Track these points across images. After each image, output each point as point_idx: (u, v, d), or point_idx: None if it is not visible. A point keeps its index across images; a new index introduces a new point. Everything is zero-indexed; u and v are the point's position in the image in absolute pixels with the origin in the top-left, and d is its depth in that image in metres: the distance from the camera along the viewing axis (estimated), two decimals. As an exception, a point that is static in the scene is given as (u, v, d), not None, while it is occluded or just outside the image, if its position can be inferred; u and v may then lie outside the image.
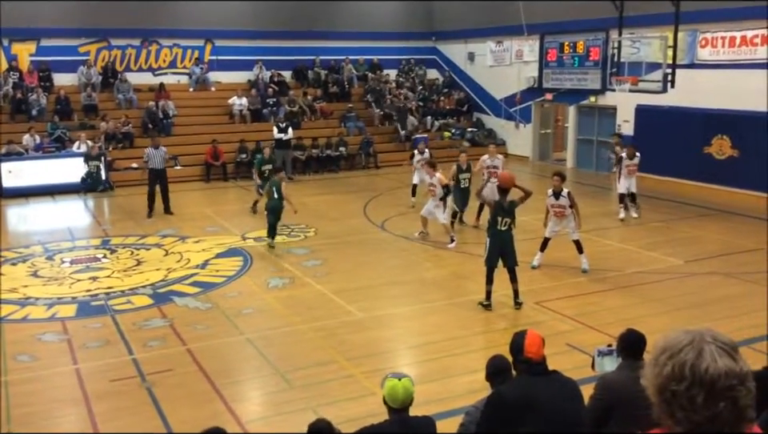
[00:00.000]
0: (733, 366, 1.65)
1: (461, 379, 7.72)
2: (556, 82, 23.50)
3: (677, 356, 1.69)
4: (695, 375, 1.65)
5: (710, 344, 1.69)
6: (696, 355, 1.67)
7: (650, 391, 1.75)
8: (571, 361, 7.25)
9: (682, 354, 1.69)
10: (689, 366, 1.66)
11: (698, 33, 18.38)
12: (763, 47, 17.06)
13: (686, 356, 1.68)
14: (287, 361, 8.39)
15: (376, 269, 12.50)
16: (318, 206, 17.50)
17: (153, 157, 16.57)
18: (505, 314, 9.86)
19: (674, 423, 1.69)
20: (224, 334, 9.31)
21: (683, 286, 11.28)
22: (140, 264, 12.56)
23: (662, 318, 9.51)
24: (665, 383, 1.69)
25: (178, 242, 14.12)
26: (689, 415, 1.66)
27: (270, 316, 10.04)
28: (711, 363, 1.65)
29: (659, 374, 1.71)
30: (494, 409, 4.03)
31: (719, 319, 9.39)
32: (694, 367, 1.65)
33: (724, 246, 13.32)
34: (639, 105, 19.75)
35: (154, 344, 8.92)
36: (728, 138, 18.08)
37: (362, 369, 8.12)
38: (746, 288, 10.85)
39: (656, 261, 12.40)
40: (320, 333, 9.27)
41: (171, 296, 10.80)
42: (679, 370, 1.67)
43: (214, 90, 25.03)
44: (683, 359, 1.68)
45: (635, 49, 16.46)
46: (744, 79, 17.40)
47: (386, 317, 10.17)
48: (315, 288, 11.15)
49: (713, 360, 1.65)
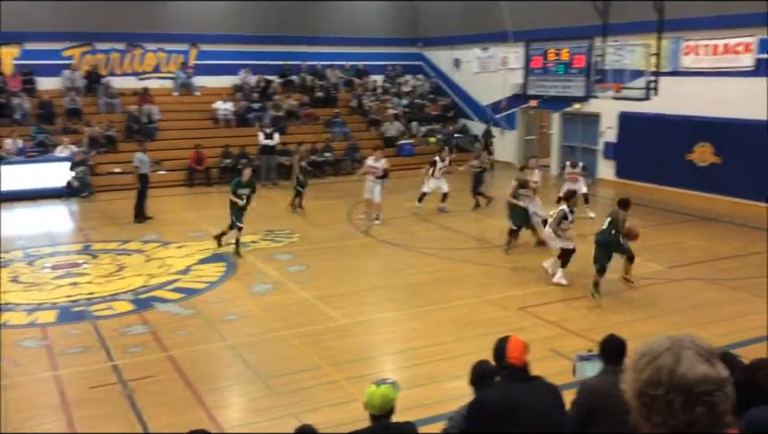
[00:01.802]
0: (710, 371, 1.65)
1: (445, 385, 7.70)
2: (541, 88, 23.63)
3: (655, 361, 1.69)
4: (673, 380, 1.65)
5: (688, 350, 1.68)
6: (674, 361, 1.66)
7: (628, 396, 1.75)
8: (554, 367, 7.25)
9: (661, 359, 1.68)
10: (667, 371, 1.66)
11: (682, 40, 18.55)
12: (746, 55, 17.24)
13: (665, 361, 1.67)
14: (270, 367, 8.33)
15: (360, 274, 12.48)
16: (303, 212, 17.46)
17: (145, 162, 16.53)
18: (489, 319, 9.86)
19: (651, 428, 1.69)
20: (206, 340, 9.24)
21: (665, 292, 11.34)
22: (121, 270, 12.46)
23: (645, 324, 9.56)
24: (643, 388, 1.69)
25: (160, 247, 14.02)
26: (666, 420, 1.66)
27: (252, 322, 9.97)
28: (689, 369, 1.64)
29: (638, 379, 1.71)
30: (475, 414, 4.01)
31: (701, 324, 9.45)
32: (672, 372, 1.65)
33: (705, 252, 13.42)
34: (623, 112, 19.90)
35: (135, 350, 8.84)
36: (710, 146, 18.23)
37: (346, 375, 8.09)
38: (727, 294, 10.93)
39: (638, 267, 12.43)
40: (303, 339, 9.22)
41: (153, 302, 10.71)
42: (657, 375, 1.67)
43: (199, 95, 24.91)
44: (661, 364, 1.67)
45: (619, 56, 16.58)
46: (726, 87, 17.57)
47: (369, 323, 10.15)
48: (299, 294, 11.10)
49: (690, 366, 1.65)
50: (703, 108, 18.01)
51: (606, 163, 21.24)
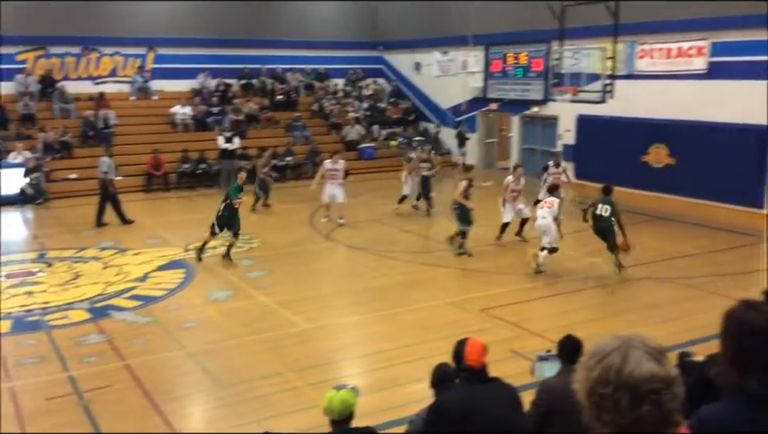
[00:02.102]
0: (658, 370, 1.67)
1: (407, 388, 7.69)
2: (500, 92, 23.86)
3: (604, 360, 1.71)
4: (620, 379, 1.67)
5: (637, 349, 1.70)
6: (622, 360, 1.69)
7: (579, 395, 1.77)
8: (515, 367, 7.29)
9: (609, 358, 1.70)
10: (615, 370, 1.68)
11: (636, 44, 18.90)
12: (699, 58, 17.63)
13: (613, 360, 1.69)
14: (230, 375, 8.23)
15: (322, 279, 12.42)
16: (264, 217, 17.34)
17: (112, 166, 16.50)
18: (450, 322, 9.89)
19: (601, 427, 1.71)
20: (164, 348, 9.09)
21: (622, 291, 11.53)
22: (77, 278, 12.20)
23: (602, 323, 9.69)
24: (593, 387, 1.71)
25: (117, 254, 13.77)
26: (615, 419, 1.68)
27: (212, 329, 9.85)
28: (636, 367, 1.66)
29: (587, 378, 1.73)
30: (435, 417, 4.02)
31: (657, 322, 9.62)
32: (620, 371, 1.67)
33: (661, 251, 13.67)
34: (580, 115, 20.19)
35: (92, 360, 8.65)
36: (665, 147, 18.60)
37: (308, 380, 8.03)
38: (681, 292, 11.15)
39: (596, 267, 12.64)
40: (264, 345, 9.14)
41: (109, 311, 10.50)
42: (606, 374, 1.69)
43: (157, 99, 24.58)
44: (610, 363, 1.69)
45: (576, 60, 16.81)
46: (680, 89, 17.96)
47: (331, 327, 10.10)
48: (259, 300, 11.00)
49: (637, 364, 1.67)
50: (658, 110, 18.38)
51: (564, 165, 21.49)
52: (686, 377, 1.73)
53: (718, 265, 12.62)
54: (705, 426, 2.21)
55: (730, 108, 16.72)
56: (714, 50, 17.33)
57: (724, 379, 2.30)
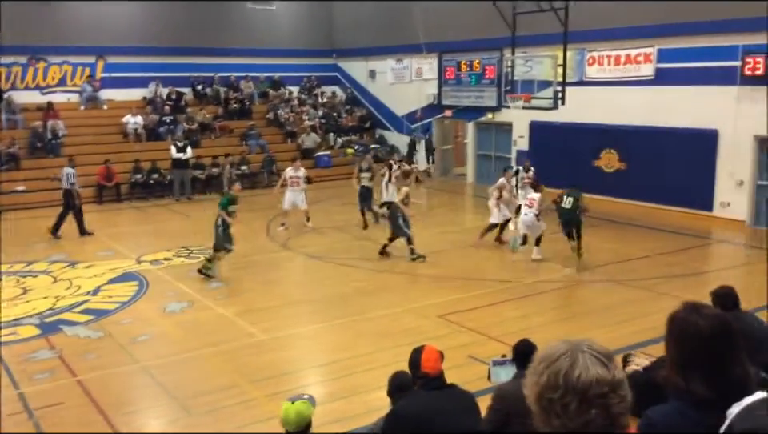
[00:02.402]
0: (605, 374, 1.69)
1: (366, 397, 7.66)
2: (455, 99, 24.06)
3: (552, 365, 1.73)
4: (568, 383, 1.68)
5: (584, 353, 1.73)
6: (570, 364, 1.70)
7: (529, 400, 1.78)
8: (473, 373, 7.34)
9: (558, 363, 1.72)
10: (563, 374, 1.70)
11: (586, 52, 19.28)
12: (646, 65, 18.07)
13: (561, 365, 1.71)
14: (186, 388, 8.09)
15: (279, 288, 12.32)
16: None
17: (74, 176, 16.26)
18: (409, 329, 9.90)
19: (551, 430, 1.72)
20: (117, 363, 8.89)
21: (577, 294, 11.71)
22: (26, 293, 11.87)
23: (558, 326, 9.82)
24: (542, 392, 1.73)
25: (67, 268, 13.44)
26: (564, 422, 1.69)
27: (167, 342, 9.67)
28: (583, 371, 1.68)
29: (537, 382, 1.74)
30: (392, 425, 4.01)
31: (611, 324, 9.79)
32: (567, 376, 1.69)
33: (614, 254, 13.93)
34: (533, 121, 20.48)
35: (42, 377, 8.42)
36: (615, 152, 19.00)
37: (265, 392, 7.94)
38: (634, 294, 11.37)
39: (552, 271, 12.82)
40: (221, 357, 9.02)
41: (60, 325, 10.24)
42: (554, 378, 1.71)
43: (107, 109, 24.12)
44: (558, 368, 1.71)
45: (528, 67, 17.06)
46: (629, 95, 18.38)
47: (289, 337, 10.02)
48: (216, 311, 10.86)
49: (585, 368, 1.69)
50: (608, 116, 18.77)
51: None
52: (632, 381, 1.76)
53: (669, 267, 12.91)
54: (653, 427, 2.26)
55: (678, 113, 17.18)
56: (661, 57, 17.78)
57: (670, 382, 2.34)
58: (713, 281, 10.38)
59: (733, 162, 16.40)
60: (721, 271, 12.69)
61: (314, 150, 25.08)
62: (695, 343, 2.31)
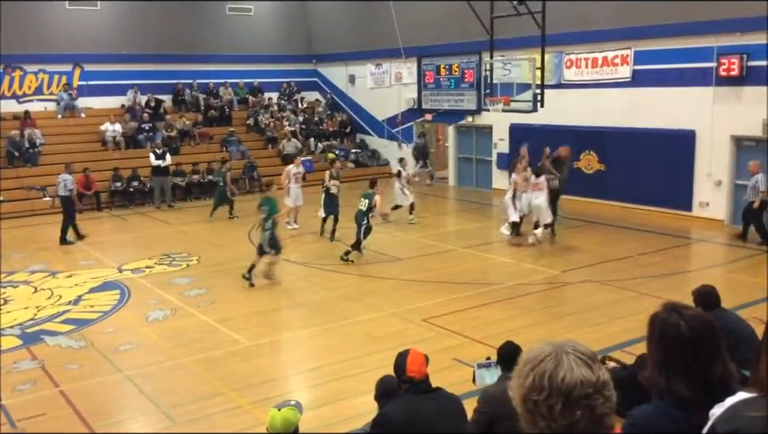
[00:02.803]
0: (589, 375, 1.72)
1: (352, 402, 7.67)
2: (435, 103, 24.13)
3: (537, 367, 1.74)
4: (553, 385, 1.70)
5: (568, 355, 1.75)
6: (554, 366, 1.72)
7: (515, 402, 1.80)
8: (458, 376, 7.36)
9: (542, 365, 1.74)
10: (547, 376, 1.72)
11: (564, 54, 19.43)
12: (623, 67, 18.24)
13: (546, 367, 1.73)
14: (170, 397, 8.04)
15: (263, 294, 12.27)
16: (201, 233, 17.06)
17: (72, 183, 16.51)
18: (394, 333, 9.91)
19: (536, 432, 1.74)
20: (100, 373, 8.82)
21: (561, 295, 11.79)
22: (6, 303, 11.75)
23: (542, 327, 9.88)
24: (527, 394, 1.74)
25: (48, 277, 13.32)
26: (549, 424, 1.71)
27: (149, 351, 9.61)
28: (568, 373, 1.70)
29: (522, 385, 1.76)
30: (378, 430, 4.02)
31: (594, 325, 9.87)
32: (552, 377, 1.71)
33: (596, 255, 14.04)
34: (513, 124, 20.60)
35: (24, 388, 8.34)
36: (595, 154, 19.16)
37: (250, 399, 7.92)
38: (617, 294, 11.47)
39: (535, 272, 12.90)
40: (204, 365, 8.97)
41: (42, 336, 10.14)
42: (539, 380, 1.72)
43: (84, 117, 23.92)
44: (543, 370, 1.73)
45: (506, 71, 17.16)
46: (607, 97, 18.55)
47: (274, 343, 10.00)
48: (199, 318, 10.80)
49: (569, 370, 1.71)
50: (587, 118, 18.92)
51: (500, 173, 21.85)
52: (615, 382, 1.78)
53: (650, 267, 13.03)
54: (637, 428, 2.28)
55: (656, 114, 17.37)
56: (638, 59, 17.96)
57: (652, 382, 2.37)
58: (694, 280, 10.54)
59: (710, 162, 16.60)
60: (701, 270, 12.84)
61: (295, 156, 24.99)
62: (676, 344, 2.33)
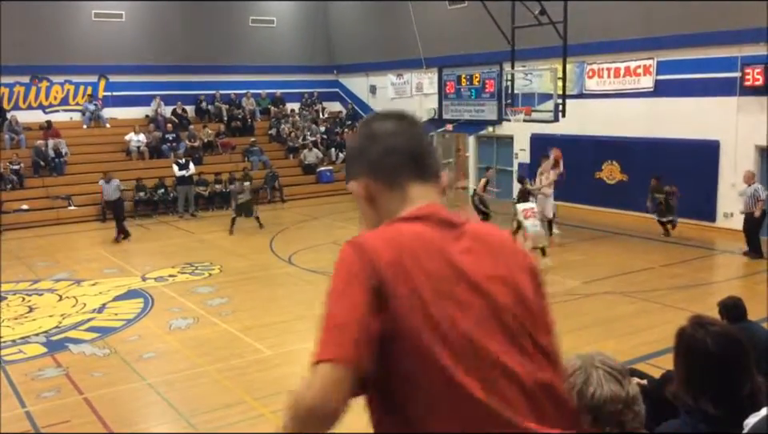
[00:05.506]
0: (619, 391, 1.72)
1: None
2: (455, 113, 24.05)
3: (566, 381, 1.74)
4: (582, 401, 1.71)
5: (597, 370, 1.75)
6: (584, 381, 1.73)
7: None
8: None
9: (571, 379, 1.74)
10: (576, 391, 1.72)
11: (586, 65, 19.37)
12: (646, 77, 18.15)
13: (575, 381, 1.73)
14: (192, 405, 8.10)
15: (284, 304, 12.32)
16: (223, 243, 17.18)
17: (105, 190, 17.72)
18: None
19: None
20: (124, 380, 8.90)
21: (583, 306, 11.69)
22: (32, 311, 11.90)
23: (567, 337, 9.73)
24: None
25: (72, 286, 13.48)
26: None
27: (172, 359, 9.68)
28: (597, 389, 1.71)
29: None
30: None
31: (618, 336, 9.79)
32: (581, 393, 1.71)
33: (618, 266, 13.92)
34: (534, 134, 20.54)
35: (49, 395, 8.43)
36: (617, 164, 19.04)
37: (272, 408, 7.93)
38: (640, 306, 11.37)
39: (556, 283, 12.79)
40: (227, 373, 9.02)
41: (66, 343, 10.26)
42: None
43: (109, 127, 24.24)
44: (572, 384, 1.73)
45: (528, 81, 17.15)
46: (629, 107, 18.45)
47: (295, 352, 10.00)
48: (221, 327, 10.87)
49: (599, 386, 1.71)
50: (609, 128, 18.83)
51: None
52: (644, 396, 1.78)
53: (673, 278, 12.90)
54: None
55: (679, 124, 17.23)
56: (661, 69, 17.86)
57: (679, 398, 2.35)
58: (718, 292, 10.42)
59: (735, 172, 16.42)
60: (726, 281, 12.70)
61: (316, 166, 25.16)
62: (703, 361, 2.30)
